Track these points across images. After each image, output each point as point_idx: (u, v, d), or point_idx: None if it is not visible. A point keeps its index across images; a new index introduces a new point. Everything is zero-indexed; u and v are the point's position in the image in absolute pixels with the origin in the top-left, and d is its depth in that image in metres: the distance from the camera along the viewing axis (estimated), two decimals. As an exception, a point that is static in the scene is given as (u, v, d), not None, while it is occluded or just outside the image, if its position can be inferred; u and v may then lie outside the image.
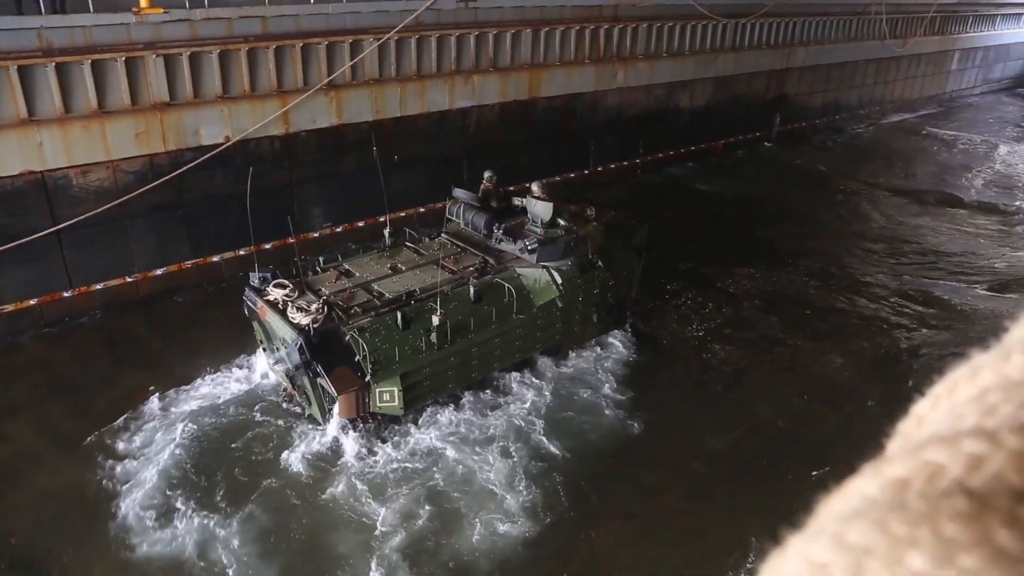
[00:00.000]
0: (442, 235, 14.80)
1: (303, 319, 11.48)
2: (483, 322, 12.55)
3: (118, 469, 11.51)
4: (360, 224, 19.37)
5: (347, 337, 11.42)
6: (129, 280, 16.21)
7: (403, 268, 13.41)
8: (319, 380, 11.45)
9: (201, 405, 12.90)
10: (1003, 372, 0.59)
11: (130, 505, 10.78)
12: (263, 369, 13.69)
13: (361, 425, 12.01)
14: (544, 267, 13.56)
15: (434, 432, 12.44)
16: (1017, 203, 26.74)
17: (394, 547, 10.33)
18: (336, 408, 11.73)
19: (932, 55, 40.83)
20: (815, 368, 15.25)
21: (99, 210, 14.88)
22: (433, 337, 11.80)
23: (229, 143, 16.32)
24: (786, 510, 10.81)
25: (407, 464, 11.85)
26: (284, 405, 12.88)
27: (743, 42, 28.44)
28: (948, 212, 25.47)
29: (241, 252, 17.53)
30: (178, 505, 10.80)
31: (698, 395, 14.32)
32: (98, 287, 15.83)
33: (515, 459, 11.99)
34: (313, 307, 11.66)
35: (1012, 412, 0.54)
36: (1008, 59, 49.44)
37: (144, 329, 15.54)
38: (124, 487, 11.18)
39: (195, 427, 12.29)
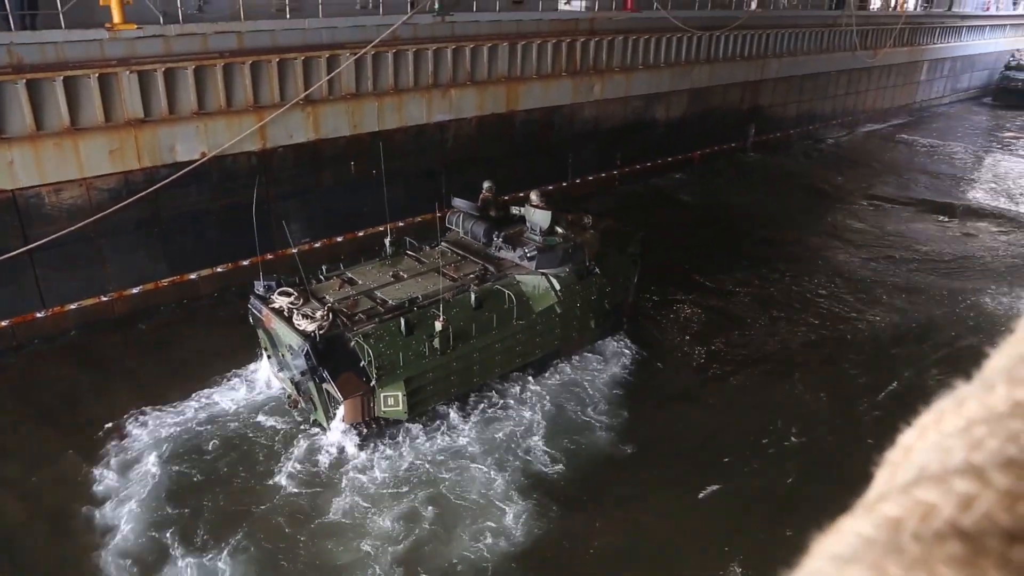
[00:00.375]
0: (442, 244, 15.02)
1: (309, 326, 11.72)
2: (484, 328, 12.85)
3: (99, 490, 11.30)
4: (339, 239, 19.28)
5: (352, 343, 11.67)
6: (104, 299, 15.97)
7: (405, 276, 13.69)
8: (325, 385, 11.66)
9: (185, 425, 12.71)
10: (988, 403, 0.60)
11: (113, 552, 10.32)
12: (266, 377, 13.83)
13: (365, 430, 12.17)
14: (543, 274, 13.89)
15: (432, 440, 12.54)
16: (999, 205, 27.43)
17: (390, 558, 10.30)
18: (341, 413, 11.90)
19: (902, 66, 41.54)
20: (806, 375, 15.38)
21: (72, 228, 14.68)
22: (436, 343, 12.10)
23: (205, 159, 16.18)
24: (773, 530, 10.94)
25: (405, 473, 11.87)
26: (296, 414, 12.99)
27: (717, 54, 28.76)
28: (928, 216, 26.24)
29: (219, 269, 17.39)
30: (167, 540, 10.48)
31: (691, 404, 14.41)
32: (72, 307, 15.58)
33: (509, 469, 12.01)
34: (318, 314, 11.91)
35: (998, 447, 0.55)
36: (974, 69, 50.45)
37: (121, 349, 15.31)
38: (108, 512, 10.95)
39: (180, 449, 12.12)
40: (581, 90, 23.86)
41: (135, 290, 16.33)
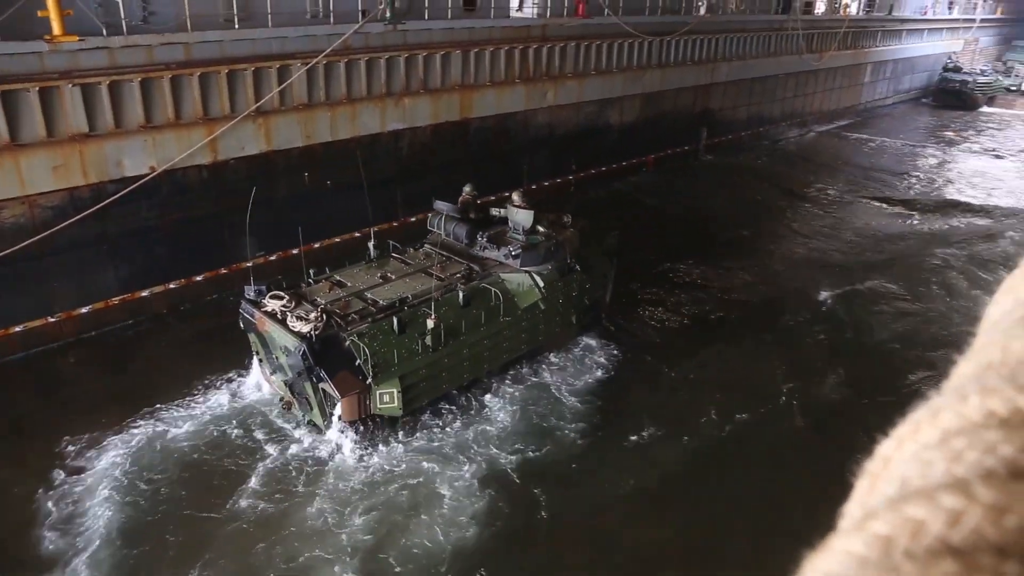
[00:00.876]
0: (425, 245, 15.47)
1: (304, 327, 12.00)
2: (472, 325, 13.31)
3: (50, 526, 10.90)
4: (294, 252, 18.95)
5: (347, 343, 12.03)
6: (52, 320, 15.48)
7: (392, 277, 14.10)
8: (322, 385, 11.94)
9: (138, 452, 12.33)
10: (962, 413, 0.61)
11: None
12: (256, 381, 13.98)
13: (362, 428, 12.41)
14: (527, 272, 14.46)
15: (416, 441, 12.81)
16: (940, 196, 28.59)
17: (358, 550, 10.43)
18: (338, 411, 12.14)
19: (847, 68, 42.60)
20: (768, 370, 15.83)
21: (15, 248, 14.20)
22: (428, 340, 12.53)
23: (154, 173, 15.83)
24: (729, 536, 11.11)
25: (386, 474, 12.03)
26: (300, 415, 13.12)
27: (669, 59, 29.13)
28: (875, 206, 28.07)
29: (172, 285, 17.00)
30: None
31: (663, 403, 14.69)
32: (17, 329, 15.07)
33: (484, 469, 12.25)
34: (312, 315, 12.22)
35: (977, 459, 0.56)
36: (915, 71, 52.00)
37: (71, 372, 14.84)
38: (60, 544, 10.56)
39: (136, 477, 11.76)
40: (534, 96, 23.95)
41: (84, 310, 15.87)
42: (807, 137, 39.69)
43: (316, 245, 19.21)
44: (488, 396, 14.10)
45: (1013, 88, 57.63)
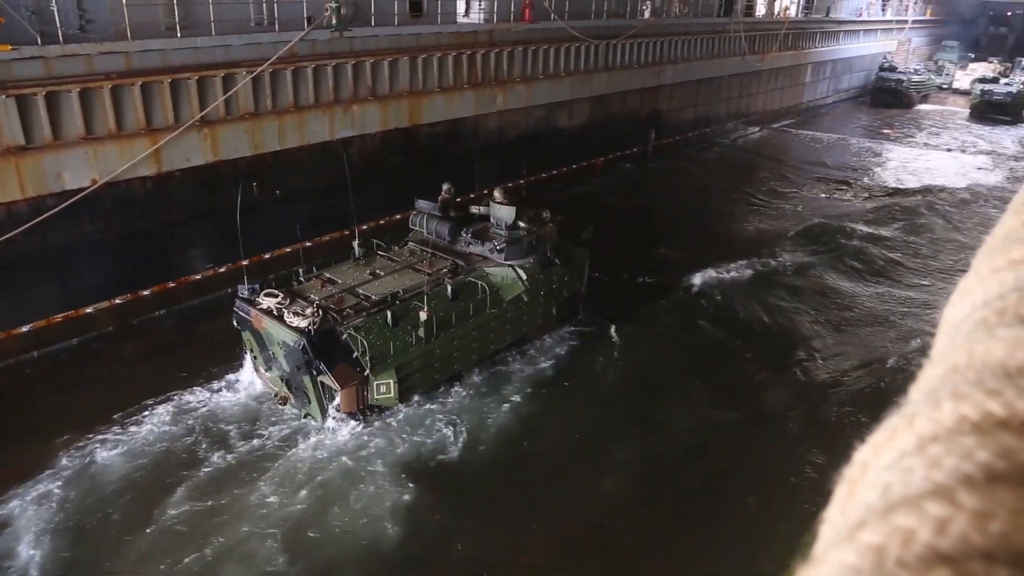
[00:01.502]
0: (409, 243, 16.07)
1: (301, 322, 12.42)
2: (461, 317, 13.97)
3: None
4: (244, 263, 18.59)
5: (344, 336, 12.52)
6: (-10, 339, 14.92)
7: (381, 273, 14.62)
8: (321, 378, 12.46)
9: (83, 486, 11.88)
10: (937, 419, 0.63)
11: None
12: (249, 378, 14.35)
13: (361, 418, 12.96)
14: (510, 265, 15.16)
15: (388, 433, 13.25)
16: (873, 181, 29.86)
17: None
18: (337, 402, 12.71)
19: (788, 69, 43.58)
20: (731, 368, 16.57)
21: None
22: (420, 332, 13.13)
23: (96, 186, 15.39)
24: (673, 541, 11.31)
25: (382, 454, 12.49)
26: (297, 409, 13.55)
27: (615, 62, 29.43)
28: (823, 191, 30.59)
29: (117, 301, 16.53)
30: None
31: (627, 402, 15.15)
32: (-46, 350, 14.50)
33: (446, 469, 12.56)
34: (308, 311, 12.64)
35: (956, 464, 0.57)
36: (852, 71, 53.47)
37: (11, 395, 14.23)
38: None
39: (81, 512, 11.35)
40: (484, 101, 23.96)
41: (25, 328, 15.33)
42: (752, 136, 40.59)
43: (266, 256, 18.92)
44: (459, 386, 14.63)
45: (945, 86, 59.76)
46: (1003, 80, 52.73)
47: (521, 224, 15.61)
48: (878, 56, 56.14)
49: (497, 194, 16.14)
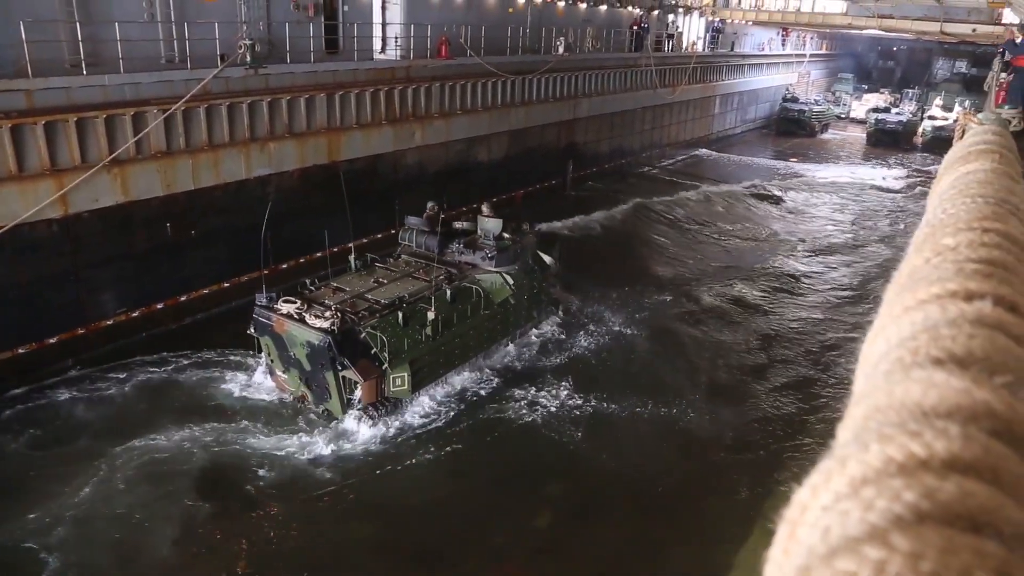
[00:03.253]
0: (402, 256, 17.77)
1: (324, 323, 13.77)
2: (461, 318, 15.67)
3: None
4: (159, 306, 18.02)
5: (363, 335, 13.99)
6: None
7: (384, 281, 16.18)
8: (344, 372, 13.83)
9: None
10: (866, 461, 0.66)
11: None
12: (260, 380, 15.64)
13: (375, 413, 14.19)
14: (498, 272, 17.03)
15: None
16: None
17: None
18: (359, 394, 14.12)
19: (698, 101, 45.21)
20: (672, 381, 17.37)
21: None
22: (428, 330, 14.69)
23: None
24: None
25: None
26: (315, 406, 14.82)
27: (532, 96, 29.94)
28: (742, 204, 33.10)
29: (20, 351, 15.67)
30: None
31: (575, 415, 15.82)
32: None
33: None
34: (327, 313, 14.03)
35: (887, 506, 0.60)
36: (758, 102, 55.90)
37: None
38: None
39: None
40: (403, 137, 23.98)
41: (-81, 382, 14.40)
42: (666, 164, 41.87)
43: (182, 298, 18.36)
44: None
45: (843, 116, 63.05)
46: (894, 110, 56.14)
47: (506, 235, 17.47)
48: (781, 88, 58.82)
49: (485, 209, 18.45)
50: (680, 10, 44.87)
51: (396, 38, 24.98)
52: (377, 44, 24.71)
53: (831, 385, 17.43)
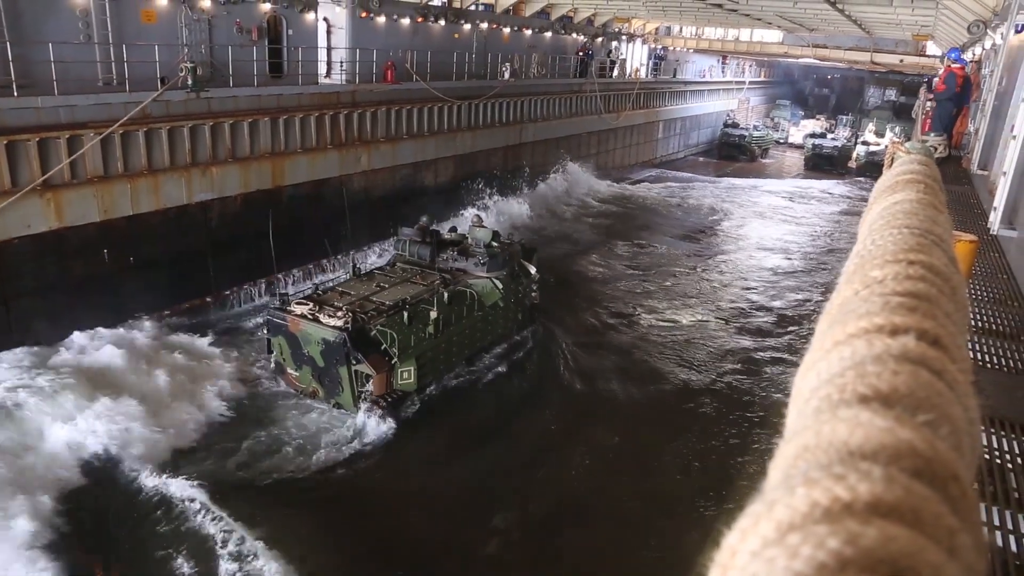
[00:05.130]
0: (397, 264, 18.95)
1: (338, 322, 14.86)
2: (457, 319, 16.73)
3: None
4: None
5: (372, 332, 15.01)
6: None
7: (386, 286, 17.31)
8: (357, 367, 14.81)
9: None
10: (793, 506, 0.65)
11: None
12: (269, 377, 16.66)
13: (384, 404, 15.02)
14: (489, 277, 18.21)
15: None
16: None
17: None
18: (370, 387, 15.02)
19: (642, 126, 46.08)
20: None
21: None
22: (430, 329, 15.69)
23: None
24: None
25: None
26: (326, 400, 15.74)
27: (478, 122, 30.10)
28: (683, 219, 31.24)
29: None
30: None
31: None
32: None
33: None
34: (339, 313, 15.13)
35: (811, 554, 0.59)
36: (700, 128, 57.26)
37: None
38: None
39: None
40: (348, 161, 23.82)
41: None
42: (613, 188, 42.52)
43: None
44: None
45: (782, 140, 64.95)
46: (830, 135, 58.04)
47: (494, 244, 18.78)
48: (722, 114, 60.36)
49: (475, 219, 20.28)
50: (624, 38, 45.81)
51: (341, 62, 24.88)
52: (322, 68, 24.58)
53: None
